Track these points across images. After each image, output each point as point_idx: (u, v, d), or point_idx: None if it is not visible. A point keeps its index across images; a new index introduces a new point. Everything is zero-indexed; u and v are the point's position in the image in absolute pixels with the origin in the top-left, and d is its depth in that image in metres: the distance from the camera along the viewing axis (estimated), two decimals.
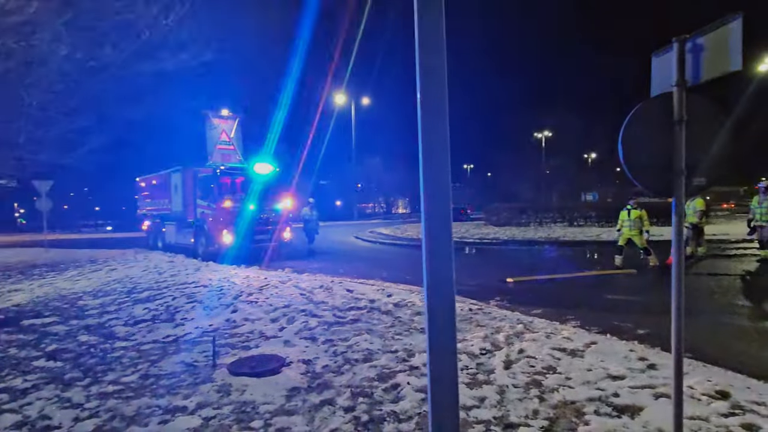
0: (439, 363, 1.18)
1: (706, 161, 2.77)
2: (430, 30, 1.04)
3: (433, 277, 1.17)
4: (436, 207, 1.10)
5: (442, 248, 1.13)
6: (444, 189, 1.12)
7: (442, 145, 1.09)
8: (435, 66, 1.05)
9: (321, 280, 9.33)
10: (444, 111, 1.06)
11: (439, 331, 1.17)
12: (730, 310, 6.62)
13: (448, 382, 1.17)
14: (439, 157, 1.09)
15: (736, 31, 2.50)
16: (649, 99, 2.86)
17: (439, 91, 1.06)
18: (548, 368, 4.19)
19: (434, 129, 1.08)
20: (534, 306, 6.89)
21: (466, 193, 64.55)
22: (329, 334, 5.46)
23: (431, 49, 1.05)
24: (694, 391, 3.57)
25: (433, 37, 1.04)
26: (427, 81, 1.07)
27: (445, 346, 1.16)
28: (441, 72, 1.05)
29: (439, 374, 1.18)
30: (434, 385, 1.18)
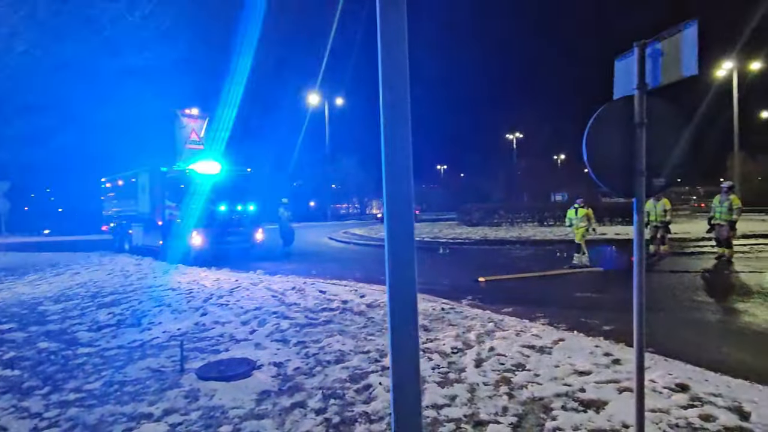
0: (402, 364, 1.17)
1: (666, 162, 2.86)
2: (392, 31, 1.04)
3: (395, 279, 1.17)
4: (398, 208, 1.10)
5: (404, 250, 1.13)
6: (406, 190, 1.12)
7: (404, 146, 1.09)
8: (397, 67, 1.05)
9: (293, 281, 9.24)
10: (406, 113, 1.06)
11: (402, 333, 1.17)
12: (690, 306, 6.88)
13: (410, 384, 1.17)
14: (401, 159, 1.09)
15: (692, 37, 2.60)
16: (611, 102, 2.95)
17: (402, 93, 1.05)
18: (518, 365, 4.26)
19: (396, 130, 1.08)
20: (505, 304, 6.99)
21: (439, 193, 65.13)
22: (301, 336, 5.42)
23: (394, 50, 1.05)
24: (656, 384, 3.69)
25: (396, 38, 1.04)
26: (390, 82, 1.07)
27: (407, 348, 1.16)
28: (403, 74, 1.05)
29: (401, 375, 1.18)
30: (396, 386, 1.17)
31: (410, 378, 1.17)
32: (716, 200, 11.02)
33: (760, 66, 34.31)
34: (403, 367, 1.17)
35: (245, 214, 14.37)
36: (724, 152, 38.97)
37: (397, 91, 1.06)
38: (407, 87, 1.05)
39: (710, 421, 3.09)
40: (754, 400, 3.38)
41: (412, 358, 1.19)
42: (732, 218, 10.55)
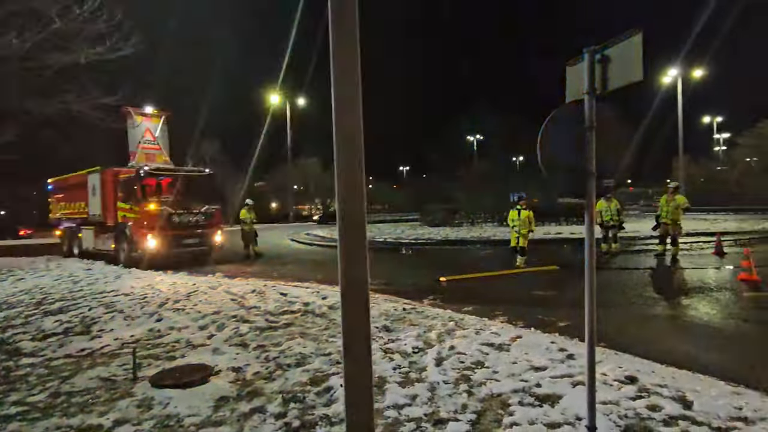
0: (354, 365, 1.17)
1: (614, 164, 2.99)
2: (343, 32, 1.03)
3: (348, 279, 1.17)
4: (350, 209, 1.09)
5: (356, 250, 1.13)
6: (358, 190, 1.12)
7: (356, 146, 1.08)
8: (348, 69, 1.04)
9: (254, 284, 9.06)
10: (357, 113, 1.05)
11: (354, 334, 1.17)
12: (639, 302, 7.22)
13: (362, 385, 1.16)
14: (352, 159, 1.08)
15: (638, 44, 2.72)
16: (563, 105, 3.05)
17: (353, 94, 1.05)
18: (477, 363, 4.33)
19: (348, 130, 1.07)
20: (465, 304, 7.11)
21: (402, 194, 65.41)
22: (261, 340, 5.32)
23: (345, 51, 1.04)
24: (607, 377, 3.84)
25: (347, 38, 1.03)
26: (342, 84, 1.06)
27: (359, 348, 1.16)
28: (354, 74, 1.04)
29: (353, 377, 1.17)
30: (349, 387, 1.17)
31: (363, 377, 1.17)
32: (663, 200, 11.60)
33: (702, 73, 36.50)
34: (356, 366, 1.16)
35: (204, 216, 13.96)
36: (670, 155, 41.15)
37: (348, 92, 1.05)
38: (358, 87, 1.04)
39: (656, 411, 3.25)
40: (696, 390, 3.58)
41: (364, 358, 1.18)
42: (677, 217, 11.14)
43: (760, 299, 7.10)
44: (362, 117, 1.05)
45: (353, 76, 1.03)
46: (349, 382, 1.17)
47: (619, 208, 12.40)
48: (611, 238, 12.49)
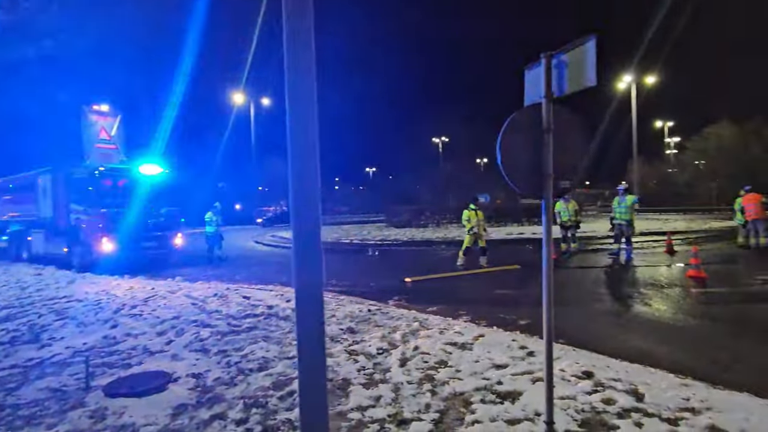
0: (309, 371, 1.15)
1: (571, 165, 3.08)
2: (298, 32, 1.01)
3: (302, 280, 1.15)
4: (304, 209, 1.08)
5: (310, 250, 1.11)
6: (312, 190, 1.10)
7: (311, 145, 1.07)
8: (303, 69, 1.03)
9: (216, 287, 8.84)
10: (313, 114, 1.04)
11: (309, 337, 1.15)
12: (596, 299, 7.48)
13: (316, 389, 1.15)
14: (307, 158, 1.07)
15: (592, 50, 2.81)
16: (521, 109, 3.12)
17: (308, 94, 1.03)
18: (440, 362, 4.38)
19: (303, 131, 1.05)
20: (430, 304, 7.17)
21: (368, 195, 65.46)
22: (223, 345, 5.19)
23: (299, 50, 1.03)
24: (565, 373, 3.96)
25: (302, 38, 1.02)
26: (296, 83, 1.04)
27: (314, 352, 1.14)
28: (310, 75, 1.03)
29: (308, 381, 1.15)
30: (303, 392, 1.15)
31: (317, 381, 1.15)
32: (615, 201, 12.10)
33: (655, 80, 38.32)
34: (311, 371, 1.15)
35: (162, 217, 13.51)
36: (626, 158, 42.90)
37: (302, 92, 1.03)
38: (314, 86, 1.03)
39: (611, 404, 3.37)
40: (647, 383, 3.73)
41: (319, 360, 1.17)
42: (630, 217, 11.62)
43: (706, 295, 7.49)
44: (318, 117, 1.04)
45: (309, 76, 1.01)
46: (304, 387, 1.15)
47: (576, 209, 12.82)
48: (570, 238, 12.89)
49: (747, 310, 6.52)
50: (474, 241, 11.25)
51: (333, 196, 72.86)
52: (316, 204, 1.08)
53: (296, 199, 1.07)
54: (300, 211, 1.06)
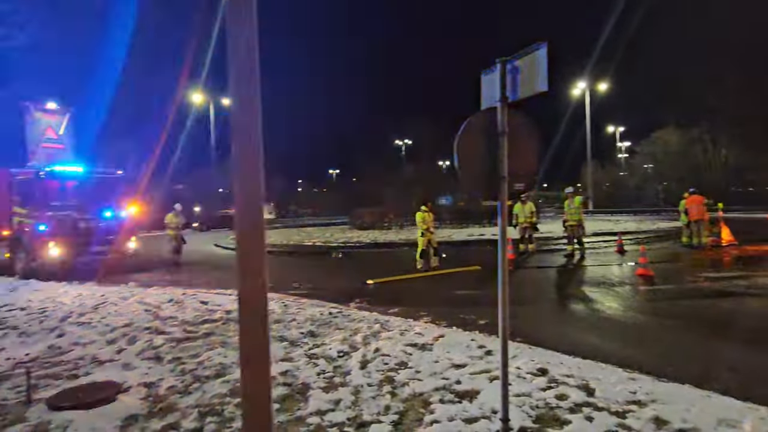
0: (253, 379, 1.12)
1: (525, 168, 3.16)
2: (241, 29, 0.99)
3: (245, 284, 1.12)
4: (248, 210, 1.05)
5: (254, 252, 1.09)
6: (256, 190, 1.08)
7: (255, 144, 1.05)
8: (247, 70, 1.01)
9: (171, 293, 8.54)
10: (256, 113, 1.01)
11: (252, 345, 1.12)
12: (552, 298, 7.73)
13: (260, 398, 1.12)
14: (251, 157, 1.04)
15: (543, 57, 2.90)
16: (477, 113, 3.18)
17: (252, 94, 1.01)
18: (401, 364, 4.39)
19: (246, 127, 1.03)
20: (392, 305, 7.20)
21: (332, 198, 65.07)
22: (177, 352, 5.02)
23: (242, 48, 1.01)
24: (521, 371, 4.06)
25: (245, 37, 0.99)
26: (239, 85, 1.02)
27: (258, 360, 1.11)
28: (254, 76, 1.01)
29: (251, 390, 1.12)
30: (246, 402, 1.12)
31: (261, 388, 1.13)
32: (566, 205, 12.59)
33: (607, 86, 40.06)
34: (255, 379, 1.12)
35: (115, 221, 12.94)
36: (581, 161, 44.57)
37: (246, 90, 1.01)
38: (257, 86, 1.00)
39: (564, 400, 3.48)
40: (598, 378, 3.88)
41: (263, 368, 1.14)
42: (580, 218, 12.10)
43: (654, 292, 7.87)
44: (261, 117, 1.01)
45: (252, 75, 0.99)
46: (247, 396, 1.12)
47: (533, 211, 13.20)
48: (527, 239, 13.26)
49: (691, 306, 6.88)
50: (427, 243, 11.37)
51: (296, 198, 72.06)
52: (259, 206, 1.05)
53: (240, 202, 1.04)
54: (243, 214, 1.04)
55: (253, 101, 1.01)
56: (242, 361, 1.12)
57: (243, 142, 1.03)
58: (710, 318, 6.14)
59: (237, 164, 1.03)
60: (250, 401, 1.09)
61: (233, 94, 1.01)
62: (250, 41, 1.00)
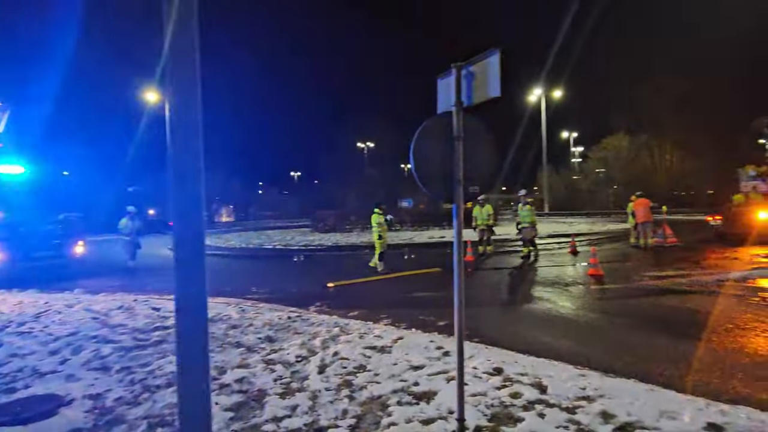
0: (190, 387, 1.08)
1: (479, 172, 3.22)
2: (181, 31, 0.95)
3: (183, 289, 1.08)
4: (186, 212, 1.01)
5: (192, 257, 1.05)
6: (195, 193, 1.04)
7: (194, 145, 1.01)
8: (186, 75, 0.97)
9: (121, 299, 8.18)
10: (196, 111, 0.98)
11: (191, 353, 1.08)
12: (508, 298, 7.92)
13: (199, 408, 1.09)
14: (189, 159, 1.00)
15: (495, 63, 2.96)
16: (433, 117, 3.22)
17: (191, 92, 0.98)
18: (360, 367, 4.38)
19: (185, 132, 0.99)
20: (352, 308, 7.17)
21: (293, 200, 64.35)
22: (127, 361, 4.81)
23: (182, 48, 0.97)
24: (477, 370, 4.13)
25: (186, 38, 0.96)
26: (178, 87, 0.98)
27: (196, 368, 1.08)
28: (194, 79, 0.97)
29: (189, 399, 1.09)
30: (184, 412, 1.08)
31: (199, 397, 1.09)
32: (520, 208, 12.99)
33: (562, 93, 41.60)
34: (193, 387, 1.08)
35: (60, 224, 12.26)
36: (538, 165, 46.05)
37: (185, 87, 0.97)
38: (198, 86, 0.97)
39: (518, 398, 3.57)
40: (550, 375, 4.00)
41: (202, 374, 1.10)
42: (533, 220, 12.49)
43: (603, 291, 8.20)
44: (202, 116, 0.98)
45: (192, 71, 0.95)
46: (185, 405, 1.08)
47: (491, 213, 13.51)
48: (485, 241, 13.54)
49: (637, 304, 7.22)
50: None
51: (257, 200, 70.74)
52: (199, 208, 1.02)
53: (178, 203, 1.00)
54: (182, 216, 1.00)
55: (193, 101, 0.97)
56: (179, 368, 1.08)
57: (181, 144, 0.99)
58: (654, 315, 6.46)
59: (174, 166, 0.99)
60: (188, 412, 1.05)
61: (170, 93, 0.97)
62: (191, 40, 0.96)
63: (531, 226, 12.42)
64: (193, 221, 1.01)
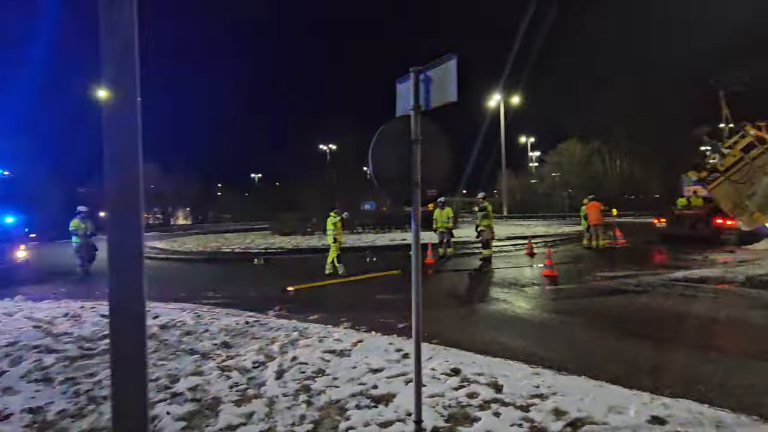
0: (126, 396, 1.04)
1: (437, 175, 3.26)
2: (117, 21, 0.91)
3: (118, 296, 1.03)
4: (123, 215, 0.97)
5: (128, 266, 1.00)
6: (133, 194, 0.99)
7: (131, 148, 0.97)
8: (125, 63, 0.93)
9: (67, 306, 7.75)
10: (133, 107, 0.94)
11: (125, 361, 1.03)
12: (467, 300, 8.04)
13: (136, 416, 1.04)
14: (128, 160, 0.96)
15: (453, 68, 3.01)
16: (391, 120, 3.23)
17: (129, 92, 0.93)
18: (318, 371, 4.33)
19: (121, 131, 0.95)
20: (312, 312, 7.09)
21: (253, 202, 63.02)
22: (72, 371, 4.55)
23: (119, 44, 0.93)
24: (435, 372, 4.17)
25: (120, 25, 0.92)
26: (116, 79, 0.94)
27: (132, 376, 1.03)
28: (132, 70, 0.93)
29: (125, 409, 1.04)
30: (119, 423, 1.03)
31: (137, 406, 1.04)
32: (477, 209, 13.27)
33: (520, 99, 42.83)
34: (129, 397, 1.03)
35: None
36: (497, 170, 47.12)
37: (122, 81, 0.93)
38: (136, 82, 0.93)
39: (474, 398, 3.62)
40: (506, 374, 4.09)
41: (139, 384, 1.06)
42: (490, 223, 12.77)
43: (557, 291, 8.48)
44: (140, 112, 0.94)
45: (130, 70, 0.91)
46: (120, 416, 1.03)
47: (450, 216, 13.70)
48: (445, 243, 13.72)
49: (588, 304, 7.50)
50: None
51: (216, 202, 68.89)
52: (137, 209, 0.97)
53: (112, 203, 0.95)
54: (116, 217, 0.95)
55: (131, 95, 0.93)
56: (113, 376, 1.02)
57: (117, 141, 0.94)
58: (604, 314, 6.73)
59: (110, 165, 0.94)
60: (124, 421, 1.00)
61: (107, 84, 0.92)
62: (127, 36, 0.92)
63: (488, 228, 12.70)
64: (129, 222, 0.96)
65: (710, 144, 15.23)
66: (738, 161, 13.04)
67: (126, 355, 0.98)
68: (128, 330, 0.99)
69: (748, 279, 8.40)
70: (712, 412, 3.32)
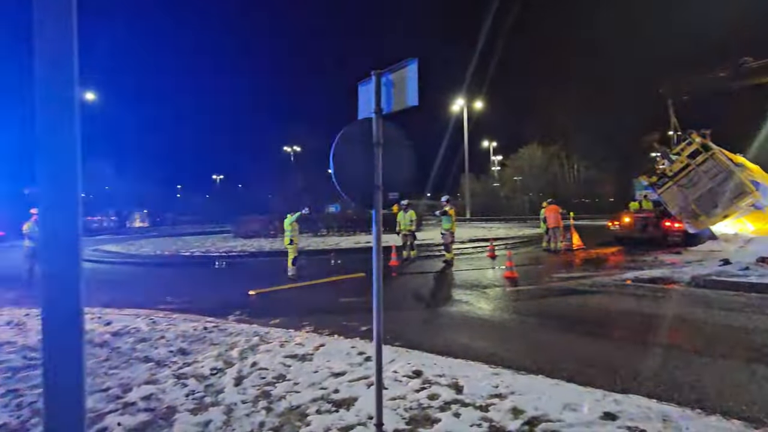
0: (60, 407, 0.98)
1: (398, 178, 3.27)
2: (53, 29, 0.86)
3: (53, 304, 0.98)
4: (58, 221, 0.92)
5: (65, 271, 0.95)
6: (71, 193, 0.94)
7: (68, 146, 0.92)
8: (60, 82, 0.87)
9: (11, 314, 7.33)
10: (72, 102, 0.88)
11: (61, 372, 0.98)
12: (429, 302, 8.11)
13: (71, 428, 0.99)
14: (64, 153, 0.90)
15: (413, 72, 3.03)
16: (353, 122, 3.22)
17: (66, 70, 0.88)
18: (279, 377, 4.26)
19: (57, 126, 0.89)
20: (273, 316, 6.97)
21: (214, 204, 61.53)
22: (15, 383, 4.30)
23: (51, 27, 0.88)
24: (397, 374, 4.18)
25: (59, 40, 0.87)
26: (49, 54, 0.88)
27: (68, 387, 0.97)
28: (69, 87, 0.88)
29: (59, 423, 0.98)
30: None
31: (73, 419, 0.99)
32: (440, 213, 13.45)
33: (483, 104, 43.73)
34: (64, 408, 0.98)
35: None
36: (461, 173, 47.86)
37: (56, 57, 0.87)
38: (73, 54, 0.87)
39: (435, 399, 3.65)
40: (467, 375, 4.14)
41: (76, 396, 1.00)
42: (451, 227, 12.95)
43: (517, 292, 8.68)
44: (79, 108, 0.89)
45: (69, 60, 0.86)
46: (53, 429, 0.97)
47: (413, 219, 13.81)
48: (409, 246, 13.81)
49: (547, 304, 7.72)
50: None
51: (175, 204, 66.78)
52: (75, 208, 0.91)
53: (46, 203, 0.89)
54: (49, 218, 0.89)
55: (67, 72, 0.87)
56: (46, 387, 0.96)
57: (51, 137, 0.88)
58: (561, 314, 6.93)
59: (43, 163, 0.88)
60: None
61: (39, 61, 0.86)
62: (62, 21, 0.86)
63: (448, 232, 12.86)
64: (65, 224, 0.90)
65: (660, 150, 16.00)
66: (685, 167, 13.74)
67: (61, 364, 0.93)
68: (65, 339, 0.93)
69: (693, 279, 8.85)
70: (659, 406, 3.48)
